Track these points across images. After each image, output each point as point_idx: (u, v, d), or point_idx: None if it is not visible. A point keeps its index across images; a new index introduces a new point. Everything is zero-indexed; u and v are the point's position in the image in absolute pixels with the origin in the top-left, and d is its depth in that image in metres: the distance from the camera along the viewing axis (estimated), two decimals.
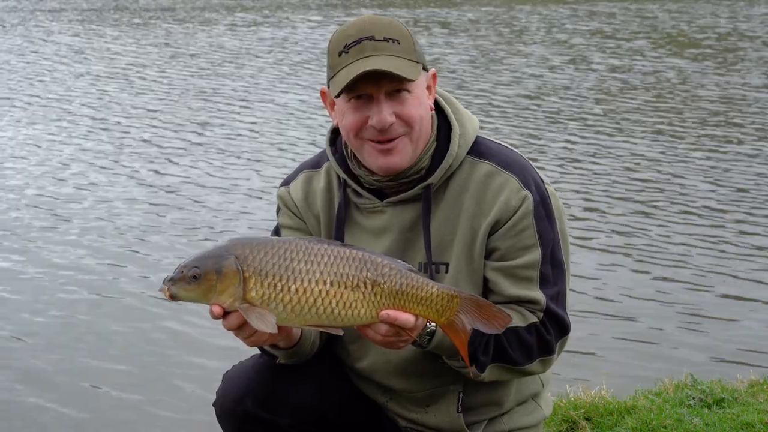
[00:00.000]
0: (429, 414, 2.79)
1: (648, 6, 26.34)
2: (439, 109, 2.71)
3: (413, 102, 2.56)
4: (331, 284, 2.32)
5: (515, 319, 2.59)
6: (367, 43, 2.53)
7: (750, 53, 17.91)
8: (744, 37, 20.01)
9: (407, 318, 2.36)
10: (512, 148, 2.73)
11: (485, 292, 2.65)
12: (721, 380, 4.42)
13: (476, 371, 2.59)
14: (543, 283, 2.62)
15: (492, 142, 2.72)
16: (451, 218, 2.64)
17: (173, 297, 2.30)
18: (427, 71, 2.63)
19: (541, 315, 2.62)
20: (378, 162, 2.60)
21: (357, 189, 2.70)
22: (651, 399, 4.15)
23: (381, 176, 2.64)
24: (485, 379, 2.63)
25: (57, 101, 14.57)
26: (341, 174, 2.71)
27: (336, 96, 2.57)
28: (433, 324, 2.49)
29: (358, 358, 2.79)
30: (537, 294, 2.61)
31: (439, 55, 18.11)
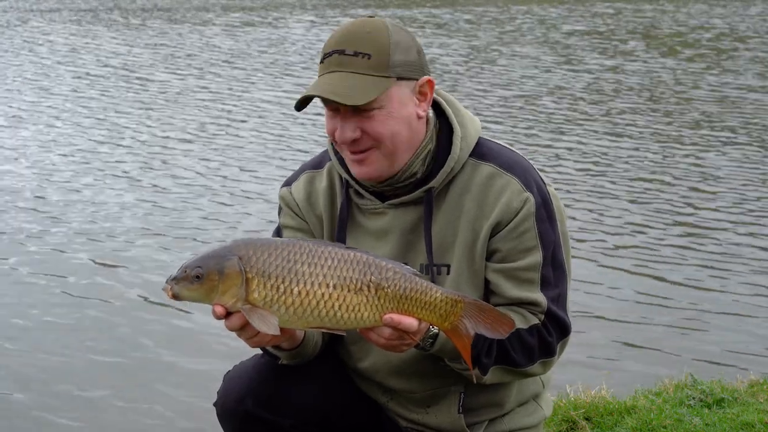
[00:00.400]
0: (430, 414, 2.79)
1: (644, 6, 26.31)
2: (441, 112, 2.70)
3: (381, 118, 2.52)
4: (335, 287, 2.32)
5: (517, 321, 2.59)
6: (336, 58, 2.52)
7: (745, 53, 17.89)
8: (739, 38, 19.99)
9: (411, 322, 2.36)
10: (514, 150, 2.73)
11: (486, 294, 2.65)
12: (721, 380, 4.43)
13: (479, 374, 2.59)
14: (544, 285, 2.62)
15: (494, 144, 2.72)
16: (453, 220, 2.64)
17: (176, 296, 2.31)
18: (416, 79, 2.57)
19: (543, 317, 2.62)
20: (354, 170, 2.61)
21: (359, 190, 2.70)
22: (651, 399, 4.15)
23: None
24: (487, 382, 2.64)
25: (50, 102, 14.49)
26: (343, 174, 2.71)
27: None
28: (436, 327, 2.49)
29: (360, 359, 2.79)
30: (538, 296, 2.61)
31: (434, 56, 18.09)
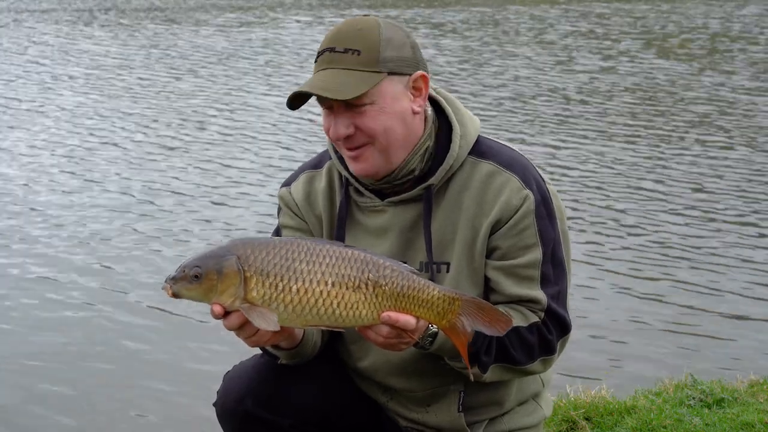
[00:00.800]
0: (430, 413, 2.79)
1: (639, 6, 26.30)
2: (441, 110, 2.70)
3: (373, 114, 2.54)
4: (333, 285, 2.32)
5: (517, 319, 2.59)
6: (327, 55, 2.56)
7: (739, 54, 17.88)
8: (734, 38, 19.97)
9: (408, 320, 2.37)
10: (513, 148, 2.73)
11: (486, 292, 2.65)
12: (721, 380, 4.43)
13: (478, 372, 2.59)
14: (544, 283, 2.62)
15: (493, 142, 2.72)
16: (452, 218, 2.65)
17: (175, 295, 2.32)
18: (409, 75, 2.58)
19: (542, 314, 2.62)
20: (351, 167, 2.63)
21: (359, 188, 2.70)
22: (651, 399, 4.15)
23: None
24: (487, 380, 2.63)
25: (41, 103, 14.43)
26: (343, 172, 2.71)
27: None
28: (435, 326, 2.49)
29: (359, 358, 2.79)
30: (538, 293, 2.61)
31: (428, 57, 18.07)
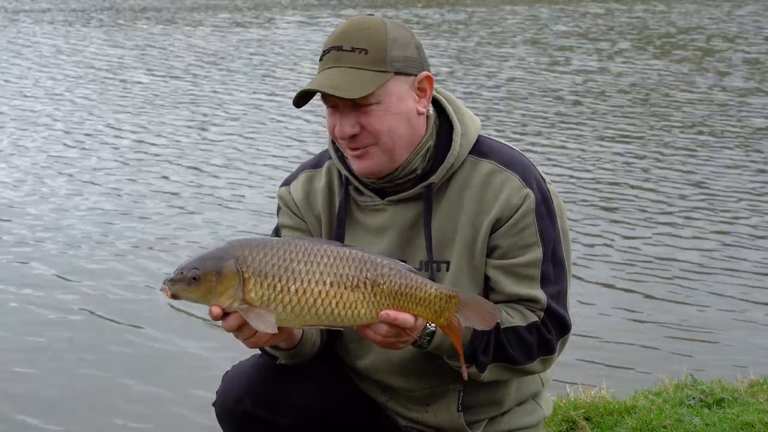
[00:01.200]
0: (429, 413, 2.79)
1: (636, 6, 26.25)
2: (441, 109, 2.71)
3: (379, 114, 2.55)
4: (331, 285, 2.32)
5: (516, 319, 2.59)
6: (334, 54, 2.55)
7: (735, 55, 17.83)
8: (730, 39, 19.93)
9: (406, 318, 2.37)
10: (514, 147, 2.74)
11: (486, 291, 2.65)
12: (721, 380, 4.42)
13: (476, 371, 2.59)
14: (544, 282, 2.62)
15: (494, 141, 2.73)
16: (452, 217, 2.65)
17: (174, 297, 2.31)
18: (415, 75, 2.59)
19: (542, 314, 2.62)
20: (354, 165, 2.63)
21: (359, 187, 2.70)
22: (651, 399, 4.14)
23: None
24: (485, 379, 2.63)
25: (32, 104, 14.37)
26: (343, 171, 2.71)
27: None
28: (433, 325, 2.49)
29: (359, 357, 2.79)
30: (538, 292, 2.61)
31: None
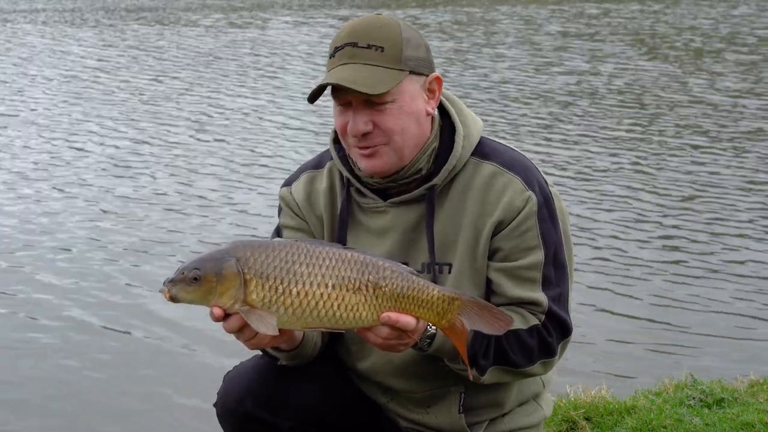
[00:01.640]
0: (430, 415, 2.79)
1: (632, 7, 26.24)
2: (444, 111, 2.70)
3: (393, 112, 2.54)
4: (333, 287, 2.31)
5: (516, 321, 2.58)
6: (349, 50, 2.53)
7: (729, 56, 17.82)
8: (724, 40, 19.92)
9: (408, 320, 2.36)
10: (516, 149, 2.73)
11: (487, 294, 2.65)
12: (721, 380, 4.42)
13: (476, 374, 2.59)
14: (545, 285, 2.61)
15: (496, 143, 2.72)
16: (455, 219, 2.64)
17: (173, 299, 2.30)
18: (426, 75, 2.60)
19: (543, 317, 2.61)
20: (362, 165, 2.61)
21: (360, 188, 2.69)
22: (651, 399, 4.15)
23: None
24: (486, 382, 2.63)
25: (22, 105, 14.33)
26: (345, 173, 2.71)
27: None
28: (434, 327, 2.49)
29: (360, 359, 2.79)
30: (539, 295, 2.60)
31: None
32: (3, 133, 12.58)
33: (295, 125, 12.72)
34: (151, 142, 11.94)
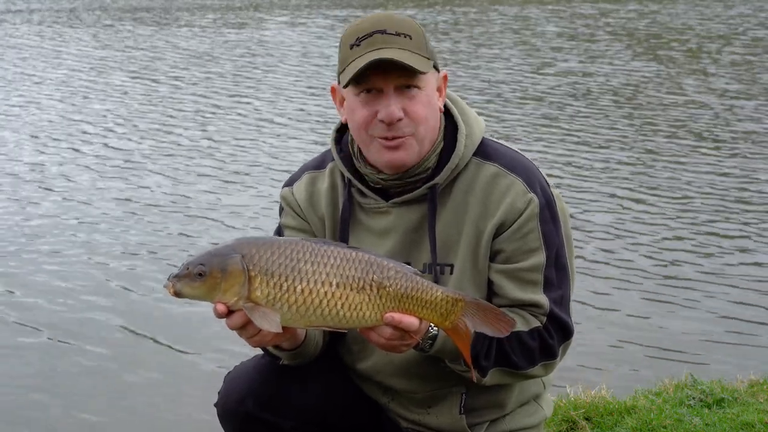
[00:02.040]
0: (431, 415, 2.79)
1: (628, 7, 26.24)
2: (446, 110, 2.70)
3: (422, 100, 2.56)
4: (337, 286, 2.31)
5: (518, 323, 2.58)
6: (379, 36, 2.53)
7: (723, 57, 17.81)
8: (720, 40, 19.92)
9: (411, 321, 2.36)
10: (518, 151, 2.73)
11: (489, 295, 2.65)
12: (721, 380, 4.42)
13: (478, 375, 2.59)
14: (547, 287, 2.62)
15: (498, 144, 2.72)
16: (457, 219, 2.64)
17: (177, 294, 2.30)
18: (439, 72, 2.63)
19: (545, 319, 2.61)
20: (385, 158, 2.59)
21: (362, 189, 2.69)
22: (651, 399, 4.14)
23: (387, 174, 2.63)
24: (487, 383, 2.63)
25: (11, 106, 14.27)
26: (346, 173, 2.70)
27: (345, 86, 2.56)
28: (435, 328, 2.49)
29: (361, 359, 2.79)
30: (541, 297, 2.61)
31: None
32: None
33: (293, 125, 12.69)
34: (147, 143, 11.90)
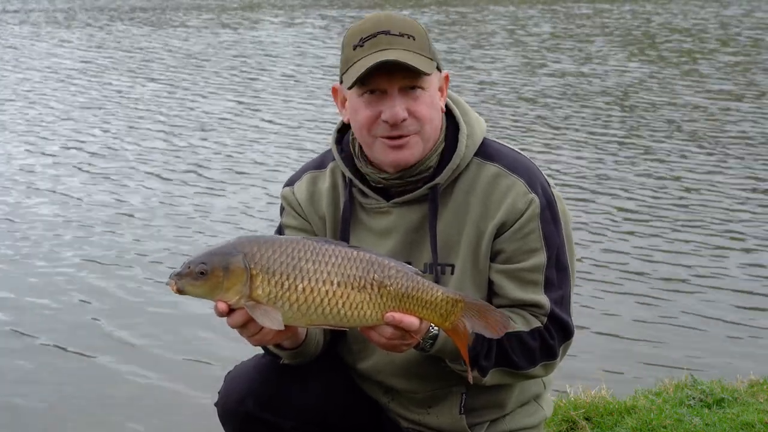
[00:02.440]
0: (431, 415, 2.79)
1: (624, 7, 26.25)
2: (448, 110, 2.70)
3: (426, 100, 2.56)
4: (338, 285, 2.31)
5: (518, 324, 2.59)
6: (383, 37, 2.53)
7: (717, 57, 17.83)
8: (716, 40, 19.94)
9: (412, 321, 2.36)
10: (519, 151, 2.74)
11: (489, 295, 2.65)
12: (721, 380, 4.42)
13: (478, 375, 2.59)
14: (548, 287, 2.62)
15: (499, 144, 2.72)
16: (458, 219, 2.64)
17: (180, 291, 2.30)
18: (441, 72, 2.63)
19: (545, 319, 2.62)
20: (389, 157, 2.58)
21: (363, 189, 2.69)
22: (651, 399, 4.15)
23: (389, 174, 2.63)
24: (487, 383, 2.63)
25: (5, 107, 14.27)
26: (347, 173, 2.70)
27: (349, 88, 2.56)
28: (436, 328, 2.49)
29: (362, 359, 2.79)
30: (541, 298, 2.61)
31: None
32: None
33: (288, 126, 12.70)
34: (141, 144, 11.90)
